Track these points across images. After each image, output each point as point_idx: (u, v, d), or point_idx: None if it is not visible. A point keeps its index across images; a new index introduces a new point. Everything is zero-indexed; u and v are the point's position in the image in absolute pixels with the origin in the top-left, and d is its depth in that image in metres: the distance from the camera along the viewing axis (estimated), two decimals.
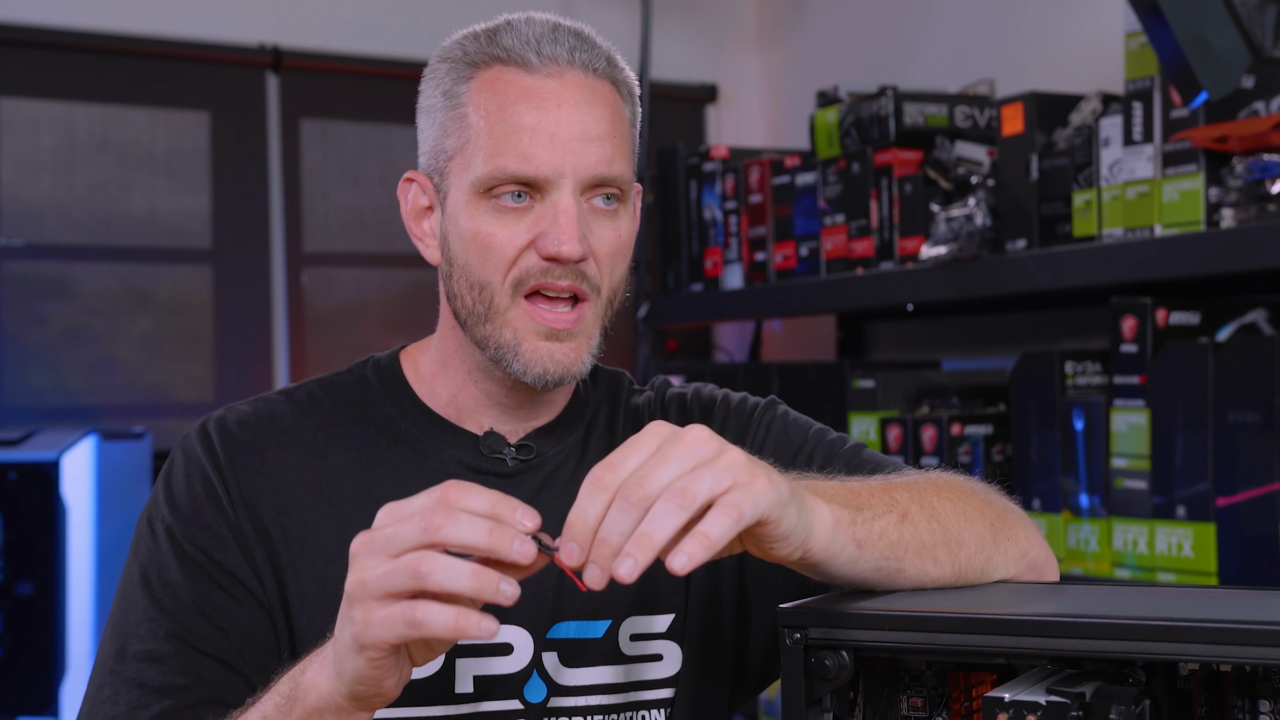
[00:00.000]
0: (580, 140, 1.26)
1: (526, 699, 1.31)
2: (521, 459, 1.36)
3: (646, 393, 1.46)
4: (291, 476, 1.32)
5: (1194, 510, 2.09)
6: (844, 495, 1.12)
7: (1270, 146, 1.95)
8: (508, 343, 1.28)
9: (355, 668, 1.04)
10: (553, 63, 1.27)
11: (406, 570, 0.99)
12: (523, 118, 1.25)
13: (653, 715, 1.35)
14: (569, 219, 1.25)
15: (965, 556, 1.17)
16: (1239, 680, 1.02)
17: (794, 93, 3.53)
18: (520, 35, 1.28)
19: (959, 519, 1.18)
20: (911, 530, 1.13)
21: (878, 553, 1.11)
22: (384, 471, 1.34)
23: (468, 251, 1.28)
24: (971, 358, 3.01)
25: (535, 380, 1.28)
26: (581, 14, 3.43)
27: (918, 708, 1.10)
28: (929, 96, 2.67)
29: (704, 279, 3.13)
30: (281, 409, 1.36)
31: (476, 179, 1.26)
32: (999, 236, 2.37)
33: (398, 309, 3.25)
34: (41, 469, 2.61)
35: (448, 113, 1.30)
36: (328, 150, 3.26)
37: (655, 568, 1.36)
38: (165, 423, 3.04)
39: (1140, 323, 2.17)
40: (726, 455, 1.02)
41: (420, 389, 1.38)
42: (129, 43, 3.04)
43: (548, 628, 1.32)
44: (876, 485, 1.17)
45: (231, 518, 1.29)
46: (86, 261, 3.05)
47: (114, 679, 1.25)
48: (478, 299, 1.28)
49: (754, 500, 1.01)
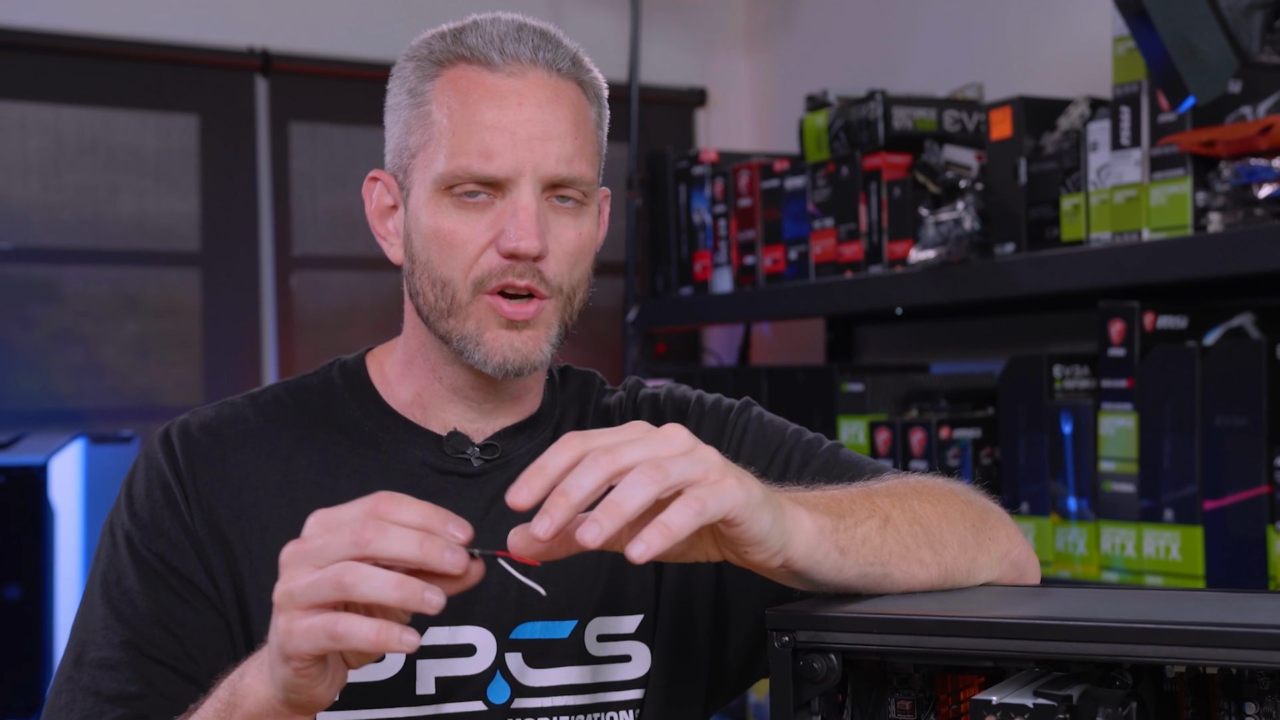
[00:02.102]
0: (541, 139, 1.27)
1: (490, 700, 1.31)
2: (486, 459, 1.36)
3: (618, 393, 1.46)
4: (253, 480, 1.32)
5: (1181, 513, 2.10)
6: (825, 503, 1.12)
7: (1257, 151, 1.95)
8: (470, 334, 1.29)
9: (283, 676, 1.05)
10: (515, 61, 1.28)
11: (331, 582, 1.00)
12: (484, 115, 1.26)
13: (621, 716, 1.35)
14: (528, 215, 1.26)
15: (950, 558, 1.18)
16: (1225, 683, 1.02)
17: (783, 97, 3.54)
18: (484, 34, 1.29)
19: (940, 521, 1.19)
20: (894, 535, 1.14)
21: (862, 558, 1.11)
22: (348, 473, 1.34)
23: (429, 249, 1.29)
24: (960, 361, 3.01)
25: (496, 369, 1.29)
26: (571, 17, 3.43)
27: (906, 710, 1.10)
28: (918, 100, 2.68)
29: (693, 282, 3.13)
30: (245, 412, 1.36)
31: (438, 176, 1.27)
32: (987, 240, 2.38)
33: (386, 312, 3.25)
34: (29, 472, 2.60)
35: (412, 110, 1.31)
36: (317, 153, 3.26)
37: (624, 568, 1.36)
38: (153, 426, 3.02)
39: (1128, 326, 2.17)
40: (701, 450, 1.03)
41: (385, 390, 1.38)
42: (118, 45, 3.04)
43: (511, 628, 1.32)
44: (857, 492, 1.18)
45: (189, 524, 1.30)
46: (75, 264, 3.04)
47: (70, 686, 1.27)
48: (440, 295, 1.29)
49: (719, 497, 1.01)
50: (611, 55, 3.24)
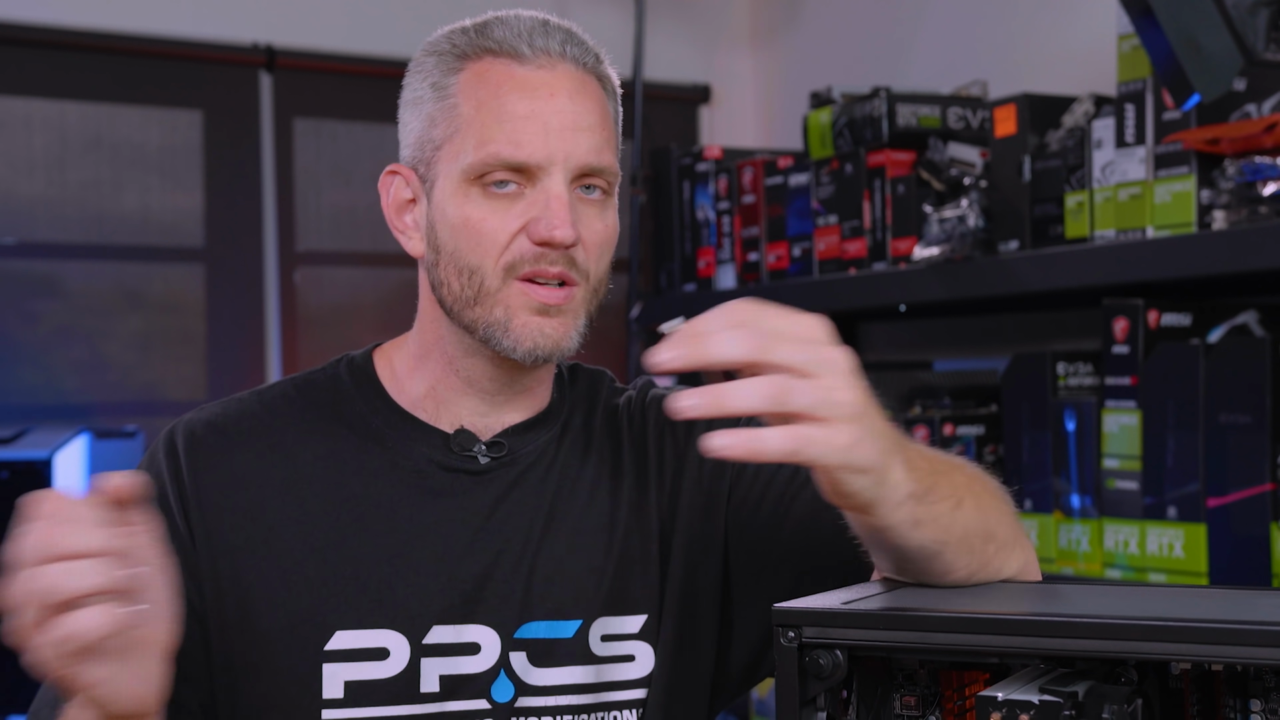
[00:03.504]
0: (572, 129, 1.28)
1: (494, 699, 1.31)
2: (494, 456, 1.36)
3: (628, 392, 1.46)
4: (258, 478, 1.32)
5: (1185, 511, 2.10)
6: (925, 466, 1.10)
7: (1262, 149, 1.95)
8: (498, 320, 1.28)
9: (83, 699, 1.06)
10: (545, 54, 1.29)
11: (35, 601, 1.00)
12: (515, 106, 1.27)
13: (624, 716, 1.35)
14: (561, 204, 1.26)
15: (993, 550, 1.16)
16: (1231, 680, 1.02)
17: (787, 93, 3.54)
18: (511, 28, 1.30)
19: (995, 514, 1.18)
20: (962, 517, 1.12)
21: (929, 534, 1.10)
22: (354, 470, 1.34)
23: (457, 238, 1.29)
24: (964, 358, 3.01)
25: (525, 355, 1.29)
26: (575, 13, 3.42)
27: (911, 706, 1.10)
28: (922, 98, 2.68)
29: (697, 279, 3.13)
30: (252, 408, 1.36)
31: (467, 165, 1.27)
32: (991, 238, 2.38)
33: (390, 308, 3.25)
34: (34, 467, 2.60)
35: (436, 104, 1.31)
36: (321, 149, 3.26)
37: (629, 569, 1.36)
38: (157, 421, 3.04)
39: (1132, 324, 2.17)
40: (844, 389, 1.00)
41: (393, 386, 1.38)
42: (122, 41, 3.04)
43: (515, 627, 1.32)
44: (950, 461, 1.16)
45: (179, 528, 1.30)
46: (78, 260, 3.04)
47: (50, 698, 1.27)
48: (466, 284, 1.29)
49: (823, 447, 0.99)
50: (616, 51, 3.20)
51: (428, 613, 1.30)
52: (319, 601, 1.29)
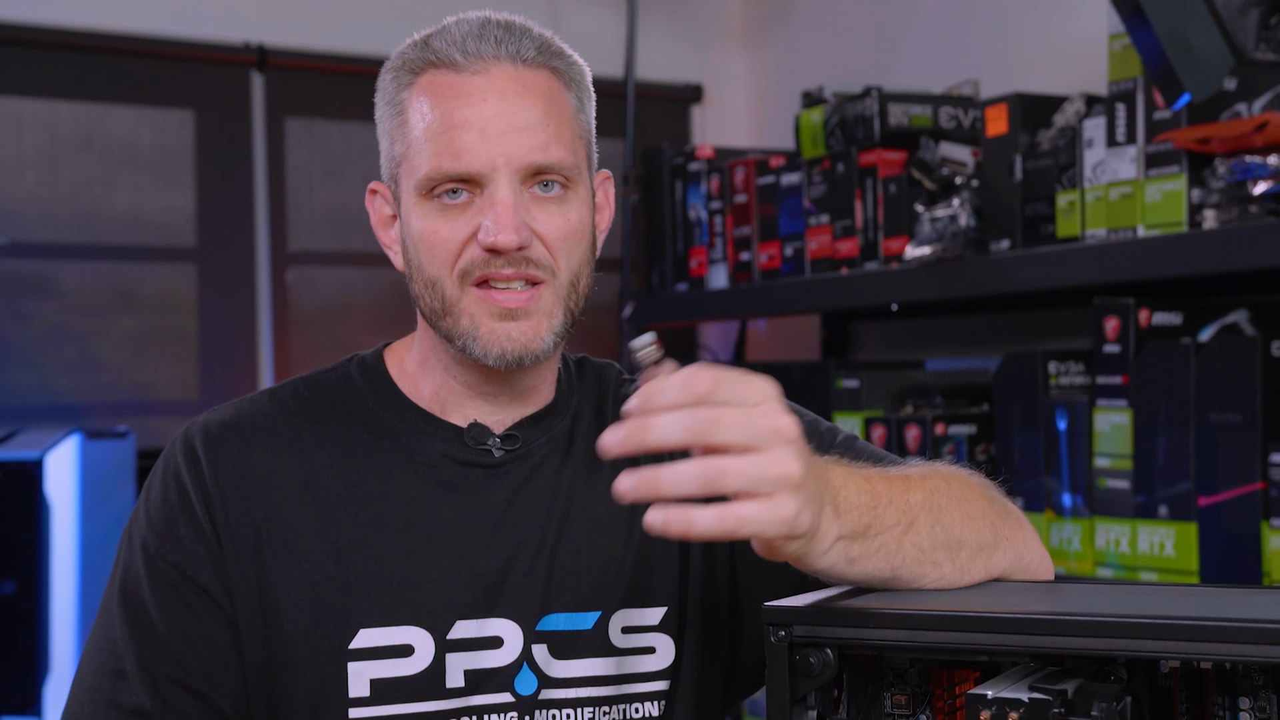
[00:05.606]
0: (510, 131, 1.28)
1: (517, 691, 1.32)
2: (507, 449, 1.36)
3: (637, 384, 1.47)
4: (276, 479, 1.32)
5: (1176, 510, 2.10)
6: (860, 505, 1.10)
7: (1252, 148, 1.96)
8: (466, 330, 1.30)
9: None
10: (478, 59, 1.30)
11: None
12: (452, 116, 1.28)
13: (645, 707, 1.35)
14: (504, 209, 1.27)
15: (966, 558, 1.18)
16: (1219, 677, 1.02)
17: (779, 93, 3.54)
18: (449, 37, 1.31)
19: (963, 521, 1.19)
20: (914, 539, 1.13)
21: (870, 567, 1.11)
22: (370, 467, 1.34)
23: (419, 252, 1.31)
24: (955, 358, 3.01)
25: (496, 361, 1.30)
26: (567, 14, 3.43)
27: (901, 705, 1.10)
28: (914, 97, 2.68)
29: (689, 279, 3.13)
30: (266, 408, 1.37)
31: (418, 181, 1.29)
32: (983, 237, 2.38)
33: (382, 308, 3.25)
34: (25, 468, 2.60)
35: (393, 120, 1.33)
36: (313, 149, 3.26)
37: (649, 561, 1.36)
38: (149, 421, 3.04)
39: (1123, 323, 2.18)
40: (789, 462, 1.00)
41: (404, 384, 1.39)
42: (113, 40, 3.03)
43: (537, 620, 1.33)
44: (895, 487, 1.15)
45: (206, 531, 1.30)
46: (70, 260, 3.04)
47: (93, 696, 1.29)
48: (433, 296, 1.31)
49: (761, 523, 1.00)
50: (608, 51, 3.24)
51: (451, 608, 1.31)
52: (342, 600, 1.29)
